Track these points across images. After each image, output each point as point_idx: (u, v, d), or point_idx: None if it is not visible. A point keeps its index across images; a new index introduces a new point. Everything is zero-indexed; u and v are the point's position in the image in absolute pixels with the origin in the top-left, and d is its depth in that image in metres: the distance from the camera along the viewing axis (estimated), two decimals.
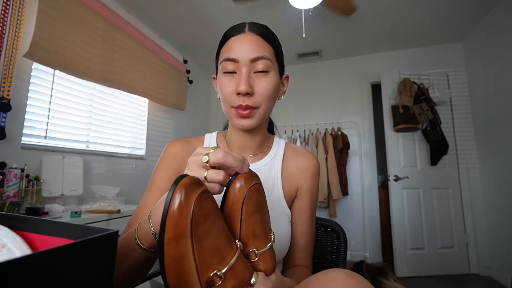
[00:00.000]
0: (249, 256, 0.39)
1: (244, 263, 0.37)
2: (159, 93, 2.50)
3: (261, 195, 0.42)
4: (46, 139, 1.66)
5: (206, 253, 0.32)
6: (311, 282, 0.39)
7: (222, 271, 0.33)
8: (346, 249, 0.72)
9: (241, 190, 0.39)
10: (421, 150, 2.68)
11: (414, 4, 2.24)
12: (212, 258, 0.33)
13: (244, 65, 0.54)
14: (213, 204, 0.35)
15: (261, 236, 0.40)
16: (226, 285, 0.33)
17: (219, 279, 0.32)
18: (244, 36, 0.55)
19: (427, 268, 2.49)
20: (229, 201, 0.40)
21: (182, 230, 0.30)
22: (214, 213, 0.35)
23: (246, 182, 0.39)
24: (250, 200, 0.39)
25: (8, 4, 1.41)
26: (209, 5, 2.24)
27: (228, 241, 0.35)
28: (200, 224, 0.32)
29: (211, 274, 0.32)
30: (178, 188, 0.31)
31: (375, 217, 2.90)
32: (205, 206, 0.33)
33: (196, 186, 0.33)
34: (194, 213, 0.31)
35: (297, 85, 3.32)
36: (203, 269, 0.32)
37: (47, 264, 0.21)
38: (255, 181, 0.41)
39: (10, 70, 1.39)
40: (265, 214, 0.42)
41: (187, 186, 0.32)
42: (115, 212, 1.52)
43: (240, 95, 0.54)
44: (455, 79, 2.77)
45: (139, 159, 2.39)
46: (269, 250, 0.40)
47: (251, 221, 0.39)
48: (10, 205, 1.17)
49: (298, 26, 2.35)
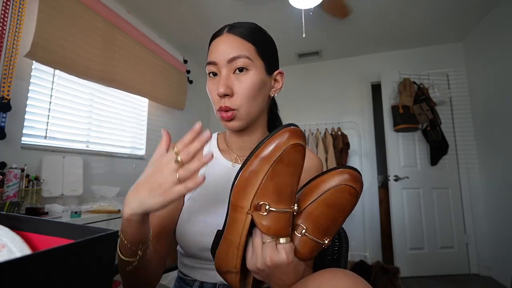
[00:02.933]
0: (296, 227, 0.40)
1: (289, 222, 0.39)
2: (159, 93, 2.50)
3: (353, 201, 0.41)
4: (46, 139, 1.66)
5: (271, 186, 0.37)
6: (309, 281, 0.39)
7: (271, 208, 0.37)
8: (347, 250, 0.71)
9: (338, 180, 0.39)
10: (421, 150, 2.68)
11: (414, 4, 2.24)
12: (271, 193, 0.37)
13: (223, 67, 0.55)
14: (300, 160, 0.38)
15: (320, 228, 0.40)
16: (265, 220, 0.37)
17: (265, 211, 0.37)
18: (221, 38, 0.57)
19: (427, 268, 2.49)
20: (320, 180, 0.41)
21: (269, 155, 0.36)
22: (296, 167, 0.38)
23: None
24: (337, 194, 0.39)
25: (8, 4, 1.41)
26: (209, 5, 2.24)
27: (290, 195, 0.38)
28: (282, 164, 0.36)
29: (262, 203, 0.37)
30: (287, 131, 0.36)
31: (375, 217, 2.90)
32: (295, 156, 0.37)
33: (299, 137, 0.37)
34: (284, 152, 0.36)
35: (297, 85, 3.32)
36: (260, 194, 0.37)
37: (47, 264, 0.21)
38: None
39: (10, 70, 1.39)
40: (340, 220, 0.41)
41: (293, 132, 0.36)
42: (115, 212, 1.52)
43: (221, 98, 0.55)
44: (455, 79, 2.77)
45: (139, 159, 2.39)
46: (314, 243, 0.40)
47: (324, 209, 0.39)
48: (10, 205, 1.17)
49: (298, 26, 2.35)
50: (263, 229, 0.37)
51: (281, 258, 0.37)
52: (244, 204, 0.38)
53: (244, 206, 0.38)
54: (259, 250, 0.38)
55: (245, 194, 0.38)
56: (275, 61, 0.63)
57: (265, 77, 0.58)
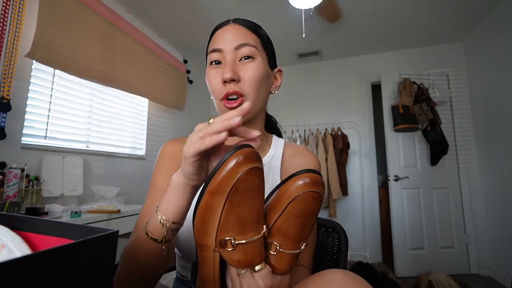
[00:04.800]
0: (269, 246, 0.39)
1: (260, 248, 0.37)
2: (159, 93, 2.50)
3: (318, 204, 0.39)
4: (46, 139, 1.66)
5: (232, 219, 0.34)
6: (308, 283, 0.39)
7: (236, 242, 0.35)
8: (347, 250, 0.71)
9: (299, 188, 0.37)
10: (421, 150, 2.68)
11: (414, 4, 2.24)
12: (234, 226, 0.35)
13: (229, 53, 0.54)
14: (259, 183, 0.35)
15: (293, 239, 0.39)
16: (234, 255, 0.35)
17: (231, 246, 0.35)
18: (228, 27, 0.56)
19: (427, 268, 2.48)
20: (282, 191, 0.39)
21: (222, 188, 0.33)
22: (256, 192, 0.35)
23: (310, 184, 0.37)
24: (301, 203, 0.37)
25: (8, 4, 1.41)
26: (209, 5, 2.24)
27: (256, 221, 0.36)
28: (238, 193, 0.34)
29: (226, 238, 0.35)
30: (238, 154, 0.33)
31: (375, 217, 2.90)
32: (251, 181, 0.34)
33: (253, 159, 0.34)
34: (238, 181, 0.33)
35: (297, 85, 3.32)
36: (222, 230, 0.35)
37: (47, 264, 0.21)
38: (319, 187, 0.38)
39: (10, 70, 1.39)
40: (310, 224, 0.40)
41: (245, 155, 0.33)
42: (115, 212, 1.52)
43: (226, 83, 0.53)
44: (455, 79, 2.77)
45: (139, 159, 2.39)
46: (292, 255, 0.39)
47: (292, 220, 0.38)
48: (10, 205, 1.17)
49: (298, 26, 2.35)
50: (234, 264, 0.36)
51: (259, 285, 0.37)
52: (208, 242, 0.36)
53: (208, 244, 0.36)
54: (236, 282, 0.38)
55: (207, 233, 0.35)
56: (275, 59, 0.63)
57: (268, 70, 0.58)
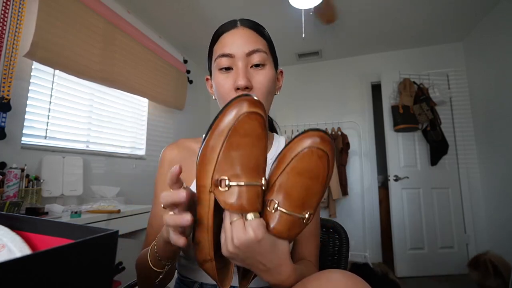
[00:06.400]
0: (268, 203, 0.37)
1: (255, 197, 0.35)
2: (159, 93, 2.50)
3: (325, 165, 0.36)
4: (46, 139, 1.65)
5: (228, 160, 0.35)
6: (308, 282, 0.38)
7: (230, 183, 0.34)
8: (348, 250, 0.71)
9: (304, 143, 0.36)
10: (421, 150, 2.68)
11: (414, 4, 2.24)
12: (230, 167, 0.35)
13: (240, 59, 0.53)
14: (260, 131, 0.35)
15: (295, 201, 0.36)
16: (225, 196, 0.34)
17: (225, 186, 0.34)
18: (237, 30, 0.55)
19: (427, 268, 2.49)
20: (287, 147, 0.37)
21: (223, 129, 0.34)
22: (257, 139, 0.35)
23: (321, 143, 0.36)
24: (305, 159, 0.35)
25: (8, 4, 1.41)
26: (209, 5, 2.24)
27: (254, 169, 0.36)
28: (238, 136, 0.34)
29: (221, 178, 0.34)
30: (242, 98, 0.34)
31: (375, 217, 2.90)
32: (250, 126, 0.34)
33: (255, 105, 0.34)
34: (237, 123, 0.33)
35: (297, 85, 3.31)
36: (219, 169, 0.35)
37: (47, 264, 0.21)
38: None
39: (10, 70, 1.39)
40: (316, 191, 0.37)
41: (247, 101, 0.34)
42: (115, 212, 1.52)
43: (239, 90, 0.52)
44: (455, 79, 2.77)
45: (139, 159, 2.39)
46: (291, 218, 0.36)
47: (295, 179, 0.36)
48: (10, 205, 1.17)
49: (298, 26, 2.34)
50: (224, 206, 0.34)
51: (249, 235, 0.33)
52: (206, 182, 0.35)
53: (205, 185, 0.35)
54: (228, 231, 0.35)
55: (205, 172, 0.35)
56: (277, 59, 0.63)
57: (275, 74, 0.59)
